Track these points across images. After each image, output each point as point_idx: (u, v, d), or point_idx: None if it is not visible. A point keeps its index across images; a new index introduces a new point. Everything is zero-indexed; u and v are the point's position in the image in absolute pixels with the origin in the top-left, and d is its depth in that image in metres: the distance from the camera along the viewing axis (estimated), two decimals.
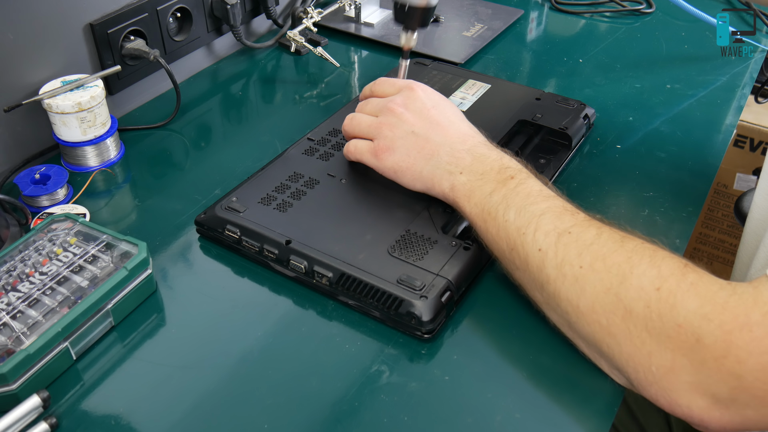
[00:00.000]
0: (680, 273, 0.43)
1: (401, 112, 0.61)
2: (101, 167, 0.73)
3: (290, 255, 0.58)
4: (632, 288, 0.44)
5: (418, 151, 0.59)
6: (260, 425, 0.47)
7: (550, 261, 0.48)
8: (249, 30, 1.00)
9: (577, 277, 0.47)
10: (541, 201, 0.52)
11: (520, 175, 0.55)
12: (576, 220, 0.50)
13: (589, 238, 0.48)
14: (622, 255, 0.46)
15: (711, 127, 0.82)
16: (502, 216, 0.52)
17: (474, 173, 0.56)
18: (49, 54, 0.72)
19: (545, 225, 0.50)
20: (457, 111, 0.63)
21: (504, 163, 0.56)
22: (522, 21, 1.07)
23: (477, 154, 0.57)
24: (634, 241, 0.47)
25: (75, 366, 0.52)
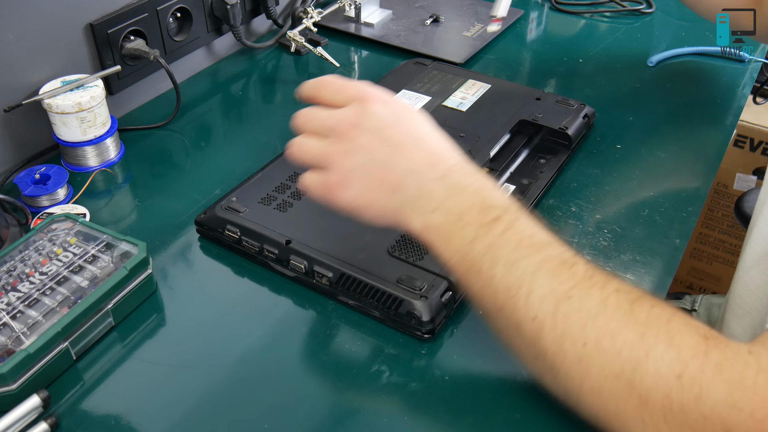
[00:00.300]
0: (702, 353, 0.38)
1: (354, 135, 0.48)
2: (101, 167, 0.73)
3: (290, 255, 0.58)
4: (648, 375, 0.38)
5: (379, 183, 0.48)
6: (260, 425, 0.47)
7: (548, 333, 0.41)
8: (249, 30, 1.00)
9: (581, 356, 0.40)
10: (534, 252, 0.43)
11: (507, 216, 0.45)
12: (576, 279, 0.42)
13: (593, 308, 0.41)
14: (635, 332, 0.39)
15: (711, 127, 0.82)
16: (487, 271, 0.44)
17: (450, 213, 0.46)
18: (49, 54, 0.72)
19: (540, 287, 0.42)
20: (424, 123, 0.50)
21: (486, 198, 0.46)
22: (522, 21, 1.07)
23: (452, 184, 0.47)
24: (644, 308, 0.40)
25: (75, 366, 0.52)
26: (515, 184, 0.69)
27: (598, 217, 0.66)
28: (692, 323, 0.40)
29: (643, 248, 0.63)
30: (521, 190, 0.68)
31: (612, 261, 0.61)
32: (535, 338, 0.42)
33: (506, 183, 0.70)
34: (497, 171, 0.70)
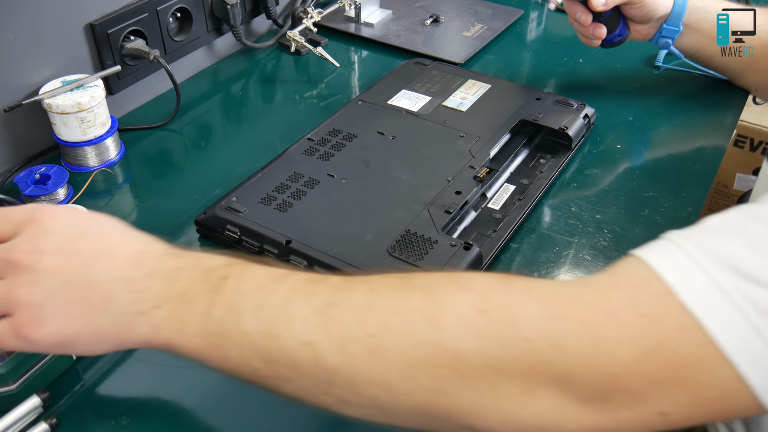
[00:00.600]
0: (502, 285, 0.36)
1: (34, 261, 0.41)
2: (101, 167, 0.73)
3: (290, 255, 0.58)
4: (450, 326, 0.35)
5: (83, 304, 0.40)
6: (261, 425, 0.47)
7: (327, 349, 0.36)
8: (249, 30, 1.00)
9: (371, 348, 0.36)
10: (278, 287, 0.39)
11: (235, 270, 0.41)
12: (332, 288, 0.38)
13: (363, 299, 0.37)
14: (418, 296, 0.36)
15: (711, 127, 0.82)
16: (236, 330, 0.38)
17: (174, 299, 0.40)
18: (49, 54, 0.72)
19: (298, 311, 0.37)
20: (111, 224, 0.45)
21: (205, 265, 0.41)
22: (522, 21, 1.07)
23: (165, 272, 0.41)
24: (420, 277, 0.38)
25: (75, 366, 0.52)
26: (515, 184, 0.69)
27: (598, 217, 0.66)
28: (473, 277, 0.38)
29: None
30: (521, 190, 0.68)
31: (612, 261, 0.61)
32: (315, 363, 0.37)
33: (506, 183, 0.70)
34: (497, 171, 0.70)
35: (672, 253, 0.35)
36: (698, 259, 0.34)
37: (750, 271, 0.33)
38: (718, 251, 0.34)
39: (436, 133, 0.72)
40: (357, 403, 0.38)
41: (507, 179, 0.70)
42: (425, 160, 0.68)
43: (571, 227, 0.65)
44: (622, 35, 0.82)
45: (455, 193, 0.63)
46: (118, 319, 0.41)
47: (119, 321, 0.41)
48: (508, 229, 0.63)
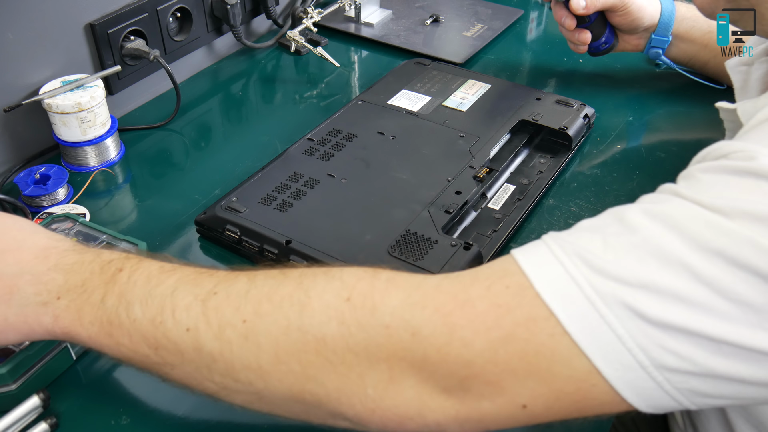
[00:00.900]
0: (369, 276, 0.37)
1: None
2: (101, 167, 0.73)
3: (290, 255, 0.58)
4: (316, 312, 0.36)
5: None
6: (260, 425, 0.47)
7: (206, 334, 0.38)
8: (249, 30, 1.00)
9: (246, 334, 0.37)
10: (167, 278, 0.41)
11: (130, 263, 0.43)
12: (218, 278, 0.40)
13: (242, 288, 0.39)
14: (290, 285, 0.38)
15: (711, 127, 0.82)
16: (126, 318, 0.40)
17: (73, 290, 0.42)
18: (49, 54, 0.72)
19: (182, 299, 0.39)
20: (23, 223, 0.47)
21: (104, 259, 0.43)
22: (522, 21, 1.07)
23: (67, 266, 0.43)
24: (297, 270, 0.39)
25: (75, 366, 0.52)
26: (515, 184, 0.69)
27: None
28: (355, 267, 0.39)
29: None
30: (521, 190, 0.68)
31: None
32: (197, 348, 0.38)
33: (506, 183, 0.70)
34: (497, 171, 0.70)
35: (537, 249, 0.37)
36: (557, 254, 0.35)
37: (601, 266, 0.34)
38: (576, 247, 0.35)
39: (436, 133, 0.72)
40: (235, 389, 0.39)
41: (507, 179, 0.70)
42: (425, 160, 0.68)
43: (571, 227, 0.65)
44: (608, 43, 0.82)
45: (455, 193, 0.63)
46: (23, 309, 0.43)
47: (24, 311, 0.43)
48: (508, 229, 0.63)
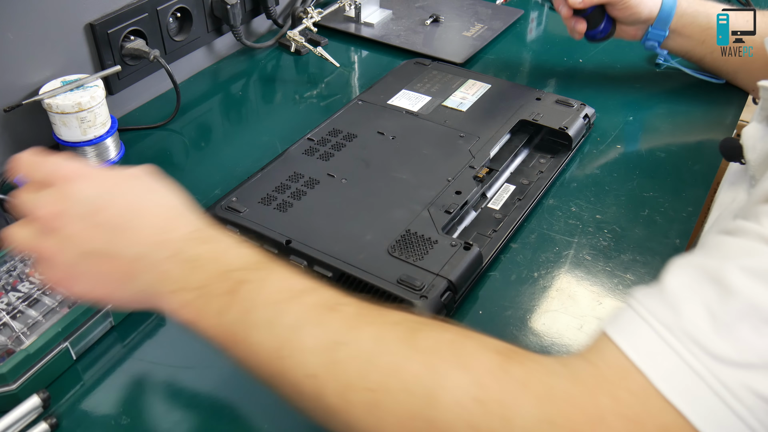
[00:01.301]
0: (501, 371, 0.35)
1: (61, 224, 0.42)
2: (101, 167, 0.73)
3: (290, 255, 0.58)
4: (446, 408, 0.34)
5: (108, 274, 0.42)
6: (261, 425, 0.47)
7: (329, 388, 0.37)
8: (249, 30, 1.00)
9: (371, 404, 0.36)
10: (292, 305, 0.39)
11: (252, 276, 0.41)
12: (343, 320, 0.38)
13: (369, 348, 0.37)
14: (421, 363, 0.36)
15: (711, 127, 0.82)
16: (245, 339, 0.39)
17: (192, 289, 0.41)
18: (49, 54, 0.72)
19: (307, 339, 0.38)
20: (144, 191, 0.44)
21: (224, 264, 0.41)
22: (522, 21, 1.07)
23: (186, 260, 0.41)
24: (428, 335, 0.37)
25: (75, 366, 0.52)
26: (515, 184, 0.69)
27: (598, 217, 0.66)
28: (487, 342, 0.37)
29: (643, 248, 0.63)
30: (521, 190, 0.68)
31: (612, 261, 0.61)
32: (317, 396, 0.37)
33: (506, 183, 0.70)
34: (497, 171, 0.70)
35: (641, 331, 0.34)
36: (667, 338, 0.33)
37: (719, 350, 0.32)
38: (683, 326, 0.33)
39: (436, 133, 0.72)
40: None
41: (507, 179, 0.70)
42: (425, 160, 0.68)
43: (571, 227, 0.65)
44: (605, 32, 0.83)
45: (455, 193, 0.63)
46: (143, 292, 0.42)
47: (145, 293, 0.42)
48: (508, 229, 0.63)
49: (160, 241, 0.42)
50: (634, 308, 0.35)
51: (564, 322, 0.55)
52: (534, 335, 0.54)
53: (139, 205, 0.43)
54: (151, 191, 0.44)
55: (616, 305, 0.57)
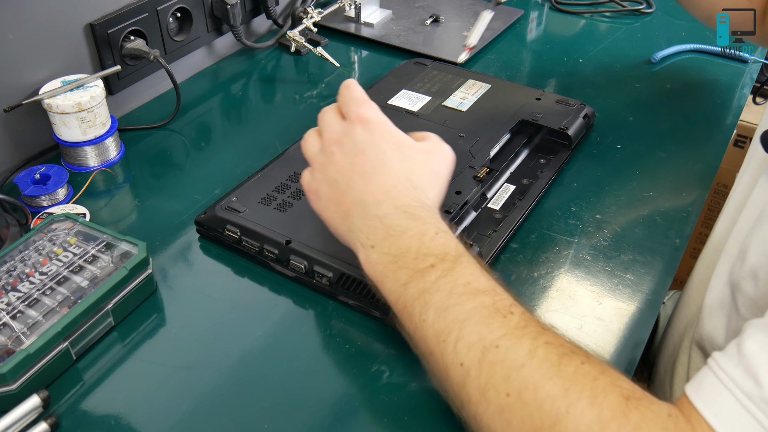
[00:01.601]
0: (622, 414, 0.37)
1: (333, 151, 0.51)
2: (101, 167, 0.73)
3: (290, 255, 0.58)
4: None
5: (337, 205, 0.50)
6: (260, 425, 0.47)
7: (473, 381, 0.41)
8: (249, 30, 1.00)
9: (503, 406, 0.39)
10: (467, 300, 0.43)
11: (443, 264, 0.45)
12: (507, 328, 0.41)
13: (520, 357, 0.40)
14: (559, 386, 0.38)
15: (711, 127, 0.82)
16: (419, 315, 0.44)
17: (386, 253, 0.47)
18: (49, 54, 0.72)
19: (469, 334, 0.42)
20: (394, 156, 0.50)
21: (424, 245, 0.46)
22: (522, 21, 1.07)
23: (391, 226, 0.47)
24: (573, 363, 0.39)
25: (75, 366, 0.52)
26: (515, 184, 0.69)
27: (598, 217, 0.66)
28: (618, 382, 0.39)
29: (643, 248, 0.63)
30: (521, 190, 0.68)
31: (612, 261, 0.61)
32: (461, 385, 0.41)
33: (506, 183, 0.70)
34: (497, 171, 0.70)
35: (723, 400, 0.35)
36: (750, 409, 0.34)
37: None
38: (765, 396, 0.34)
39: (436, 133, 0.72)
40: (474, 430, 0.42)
41: (507, 179, 0.70)
42: None
43: (571, 227, 0.65)
44: None
45: (455, 193, 0.63)
46: (350, 233, 0.50)
47: (350, 235, 0.50)
48: (508, 229, 0.63)
49: (381, 200, 0.48)
50: (717, 374, 0.37)
51: (564, 322, 0.55)
52: None
53: (383, 165, 0.50)
54: (396, 151, 0.51)
55: (616, 305, 0.57)
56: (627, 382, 0.39)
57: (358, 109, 0.51)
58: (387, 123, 0.52)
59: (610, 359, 0.52)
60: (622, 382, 0.39)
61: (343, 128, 0.51)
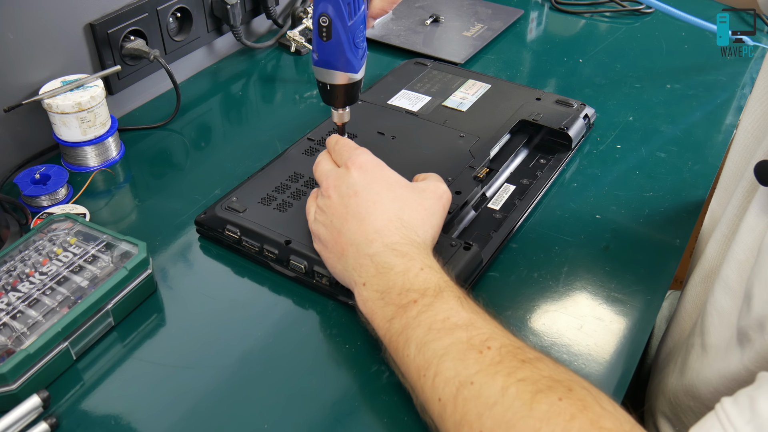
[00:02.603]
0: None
1: (329, 194, 0.54)
2: (101, 167, 0.73)
3: (290, 255, 0.58)
4: None
5: (333, 245, 0.53)
6: (260, 425, 0.47)
7: (450, 416, 0.41)
8: (249, 30, 1.00)
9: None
10: (444, 335, 0.44)
11: (424, 300, 0.46)
12: (481, 364, 0.42)
13: (492, 395, 0.40)
14: (530, 427, 0.38)
15: (711, 127, 0.82)
16: (402, 350, 0.46)
17: (375, 290, 0.49)
18: (49, 54, 0.72)
19: (446, 370, 0.42)
20: (385, 197, 0.53)
21: (408, 281, 0.48)
22: (522, 21, 1.07)
23: (380, 263, 0.49)
24: (547, 401, 0.38)
25: (75, 366, 0.52)
26: (515, 184, 0.69)
27: (598, 217, 0.66)
28: (600, 422, 0.37)
29: (643, 248, 0.63)
30: (521, 190, 0.68)
31: (612, 261, 0.61)
32: (439, 419, 0.43)
33: (506, 183, 0.70)
34: (497, 171, 0.70)
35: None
36: None
37: None
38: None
39: (436, 133, 0.72)
40: None
41: (507, 179, 0.70)
42: (425, 160, 0.68)
43: (571, 227, 0.65)
44: None
45: (455, 193, 0.63)
46: (345, 272, 0.52)
47: (345, 274, 0.52)
48: (508, 229, 0.63)
49: (372, 239, 0.50)
50: (724, 428, 0.35)
51: (564, 322, 0.55)
52: (534, 335, 0.54)
53: (374, 206, 0.52)
54: (387, 194, 0.53)
55: (616, 305, 0.57)
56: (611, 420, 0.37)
57: (351, 154, 0.55)
58: (380, 165, 0.55)
59: (610, 359, 0.52)
60: (605, 422, 0.37)
61: (339, 174, 0.54)
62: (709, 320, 0.54)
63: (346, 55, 0.56)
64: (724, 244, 0.59)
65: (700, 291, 0.63)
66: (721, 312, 0.53)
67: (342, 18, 0.54)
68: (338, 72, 0.57)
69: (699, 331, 0.57)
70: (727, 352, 0.50)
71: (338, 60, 0.56)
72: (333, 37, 0.55)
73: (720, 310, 0.53)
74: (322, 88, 0.59)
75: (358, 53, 0.57)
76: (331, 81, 0.58)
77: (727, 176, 0.63)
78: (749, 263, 0.50)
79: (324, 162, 0.57)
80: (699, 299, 0.64)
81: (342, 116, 0.62)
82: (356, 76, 0.58)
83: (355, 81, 0.59)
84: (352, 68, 0.57)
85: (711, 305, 0.54)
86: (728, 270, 0.52)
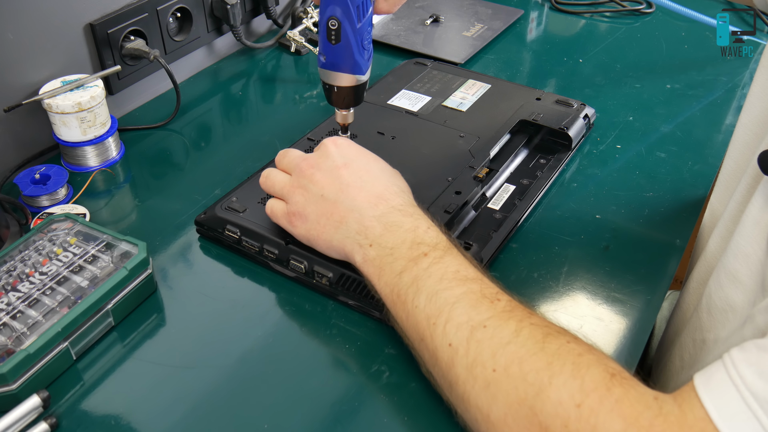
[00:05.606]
0: (605, 387, 0.38)
1: (311, 173, 0.54)
2: (101, 167, 0.73)
3: (290, 255, 0.58)
4: (550, 402, 0.39)
5: (327, 217, 0.53)
6: (260, 425, 0.47)
7: (461, 359, 0.42)
8: (249, 30, 1.00)
9: (489, 381, 0.41)
10: (456, 285, 0.46)
11: (435, 253, 0.48)
12: (494, 311, 0.44)
13: (506, 336, 0.42)
14: (542, 360, 0.40)
15: (711, 127, 0.82)
16: (411, 301, 0.46)
17: (384, 247, 0.50)
18: (49, 54, 0.72)
19: (458, 316, 0.44)
20: (375, 167, 0.55)
21: (418, 236, 0.49)
22: (522, 21, 1.07)
23: (388, 222, 0.51)
24: (558, 341, 0.41)
25: (75, 366, 0.52)
26: (515, 184, 0.69)
27: (598, 217, 0.66)
28: (604, 360, 0.40)
29: (643, 248, 0.63)
30: (521, 190, 0.68)
31: (612, 261, 0.61)
32: (449, 365, 0.43)
33: (506, 183, 0.70)
34: (497, 171, 0.70)
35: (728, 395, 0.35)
36: (753, 407, 0.34)
37: None
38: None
39: (436, 133, 0.72)
40: (464, 415, 0.44)
41: (507, 179, 0.70)
42: (425, 160, 0.68)
43: (571, 227, 0.65)
44: None
45: (455, 193, 0.63)
46: (345, 240, 0.52)
47: (345, 242, 0.52)
48: (508, 229, 0.63)
49: (375, 202, 0.52)
50: (728, 372, 0.36)
51: (564, 322, 0.55)
52: None
53: (365, 174, 0.54)
54: (377, 165, 0.55)
55: (616, 305, 0.57)
56: (615, 364, 0.40)
57: (325, 140, 0.57)
58: (350, 142, 0.57)
59: None
60: (609, 362, 0.40)
61: (317, 154, 0.56)
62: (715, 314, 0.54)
63: (354, 58, 0.56)
64: (727, 238, 0.59)
65: (702, 287, 0.63)
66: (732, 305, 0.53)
67: (351, 21, 0.54)
68: (346, 74, 0.57)
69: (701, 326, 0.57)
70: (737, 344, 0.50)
71: (346, 62, 0.56)
72: (342, 40, 0.55)
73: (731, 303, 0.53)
74: (329, 90, 0.60)
75: (365, 55, 0.57)
76: (338, 83, 0.58)
77: (726, 173, 0.63)
78: (756, 256, 0.50)
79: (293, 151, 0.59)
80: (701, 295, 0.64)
81: (346, 117, 0.62)
82: (363, 78, 0.59)
83: (362, 82, 0.59)
84: (360, 70, 0.57)
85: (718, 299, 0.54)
86: (735, 263, 0.52)
